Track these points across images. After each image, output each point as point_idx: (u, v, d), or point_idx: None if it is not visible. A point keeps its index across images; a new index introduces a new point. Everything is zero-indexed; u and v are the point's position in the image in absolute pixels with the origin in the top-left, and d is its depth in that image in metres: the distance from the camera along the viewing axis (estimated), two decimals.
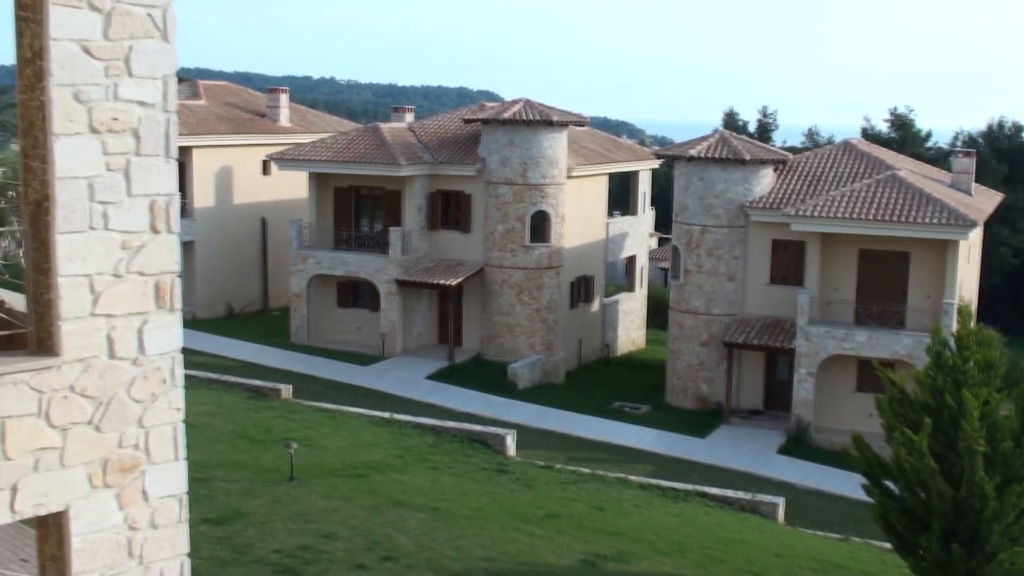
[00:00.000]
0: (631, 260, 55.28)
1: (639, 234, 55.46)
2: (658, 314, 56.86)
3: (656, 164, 57.00)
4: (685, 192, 43.42)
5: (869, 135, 77.52)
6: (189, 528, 9.00)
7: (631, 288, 55.56)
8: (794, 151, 64.72)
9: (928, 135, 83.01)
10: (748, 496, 29.81)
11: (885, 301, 39.63)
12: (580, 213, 47.75)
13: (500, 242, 45.43)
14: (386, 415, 33.58)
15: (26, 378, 7.83)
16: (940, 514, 18.77)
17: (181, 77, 53.74)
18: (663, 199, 67.12)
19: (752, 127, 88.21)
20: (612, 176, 52.37)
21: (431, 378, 42.59)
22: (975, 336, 20.20)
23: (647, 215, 57.71)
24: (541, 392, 43.28)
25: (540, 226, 45.40)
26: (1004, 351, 20.86)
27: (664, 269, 65.01)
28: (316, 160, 46.77)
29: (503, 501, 25.97)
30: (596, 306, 51.11)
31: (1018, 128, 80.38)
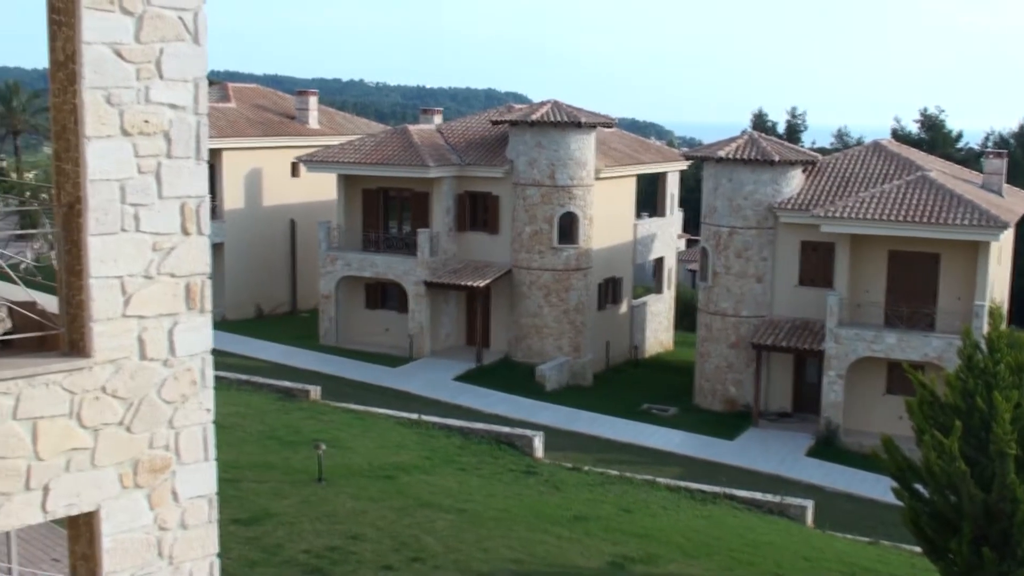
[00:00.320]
0: (659, 262, 55.15)
1: (667, 235, 55.32)
2: (686, 316, 56.68)
3: (684, 165, 56.84)
4: (714, 193, 43.28)
5: (899, 136, 77.04)
6: (219, 528, 9.03)
7: (659, 290, 55.43)
8: (823, 152, 64.46)
9: (959, 136, 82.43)
10: (777, 499, 29.67)
11: (915, 303, 39.36)
12: (608, 215, 47.67)
13: (528, 244, 45.43)
14: (414, 416, 33.64)
15: (58, 379, 7.88)
16: (971, 518, 18.64)
17: (211, 80, 54.07)
18: (691, 200, 66.88)
19: (781, 128, 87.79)
20: (640, 177, 52.25)
21: (459, 379, 42.62)
22: (1006, 338, 20.06)
23: (675, 216, 57.56)
24: (569, 394, 43.23)
25: (568, 228, 45.37)
26: None
27: (692, 271, 64.87)
28: (345, 162, 46.90)
29: (531, 503, 25.97)
30: (624, 308, 51.01)
31: None
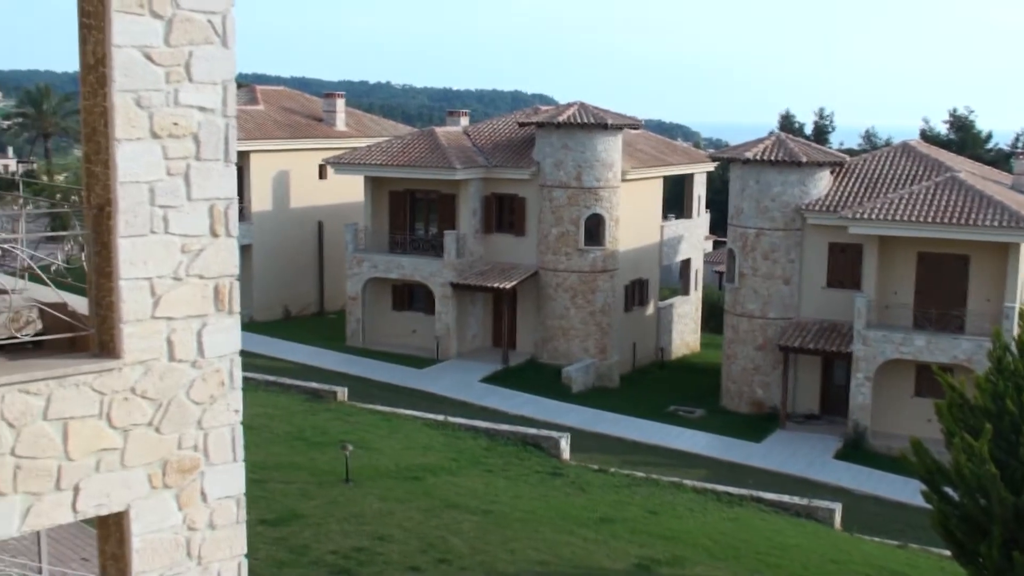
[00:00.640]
0: (686, 263, 55.04)
1: (694, 237, 55.20)
2: (713, 317, 56.55)
3: (711, 167, 56.71)
4: (741, 195, 43.15)
5: (928, 136, 76.62)
6: (247, 529, 9.07)
7: (686, 291, 55.32)
8: (851, 153, 64.16)
9: (988, 136, 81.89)
10: (804, 501, 29.54)
11: (944, 305, 39.12)
12: (635, 216, 47.60)
13: (554, 245, 45.42)
14: (440, 418, 33.67)
15: (88, 380, 7.93)
16: (1001, 521, 18.50)
17: (240, 83, 54.35)
18: (718, 202, 66.68)
19: (808, 129, 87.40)
20: (667, 179, 52.16)
21: (485, 381, 42.65)
22: None
23: (702, 218, 57.43)
24: (595, 395, 43.20)
25: (594, 229, 45.33)
26: None
27: (719, 272, 64.64)
28: (372, 164, 47.02)
29: (557, 504, 25.95)
30: (651, 309, 50.93)
31: None
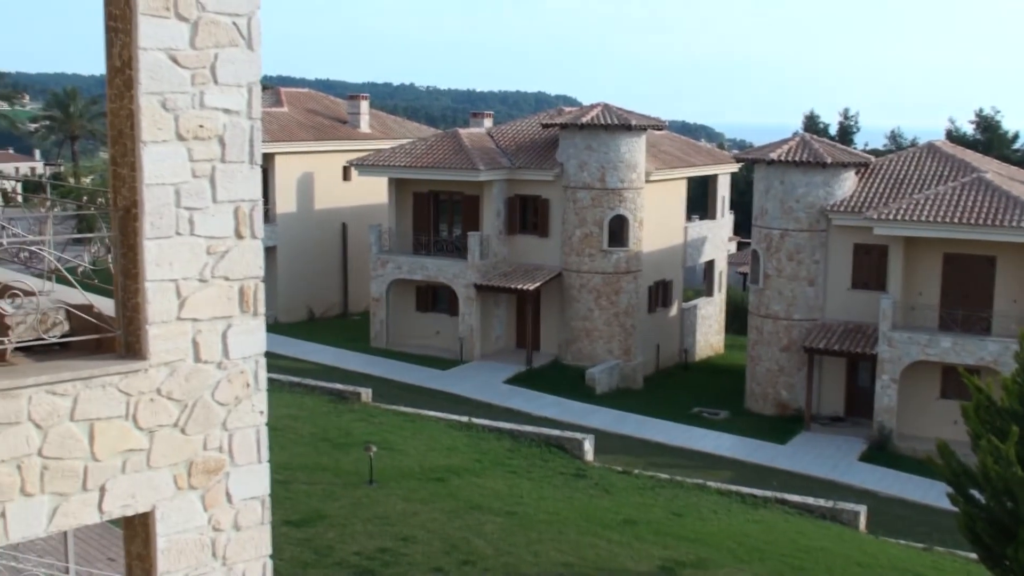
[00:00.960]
0: (710, 264, 54.90)
1: (718, 238, 55.06)
2: (737, 319, 56.39)
3: (735, 168, 56.53)
4: (765, 196, 43.01)
5: (954, 137, 76.16)
6: (271, 530, 9.10)
7: (710, 293, 55.19)
8: (876, 154, 63.84)
9: (1015, 136, 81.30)
10: (829, 504, 29.41)
11: (970, 306, 38.88)
12: (658, 217, 47.52)
13: (578, 246, 45.38)
14: (464, 419, 33.68)
15: (115, 381, 7.98)
16: None
17: (264, 85, 54.66)
18: (742, 203, 66.49)
19: (833, 130, 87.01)
20: (691, 180, 52.04)
21: (509, 382, 42.64)
22: None
23: (726, 219, 57.28)
24: (619, 397, 43.13)
25: (618, 230, 45.28)
26: None
27: (743, 273, 64.48)
28: (396, 166, 47.11)
29: (581, 506, 25.93)
30: (674, 311, 50.82)
31: None
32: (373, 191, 52.27)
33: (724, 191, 55.82)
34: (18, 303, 8.26)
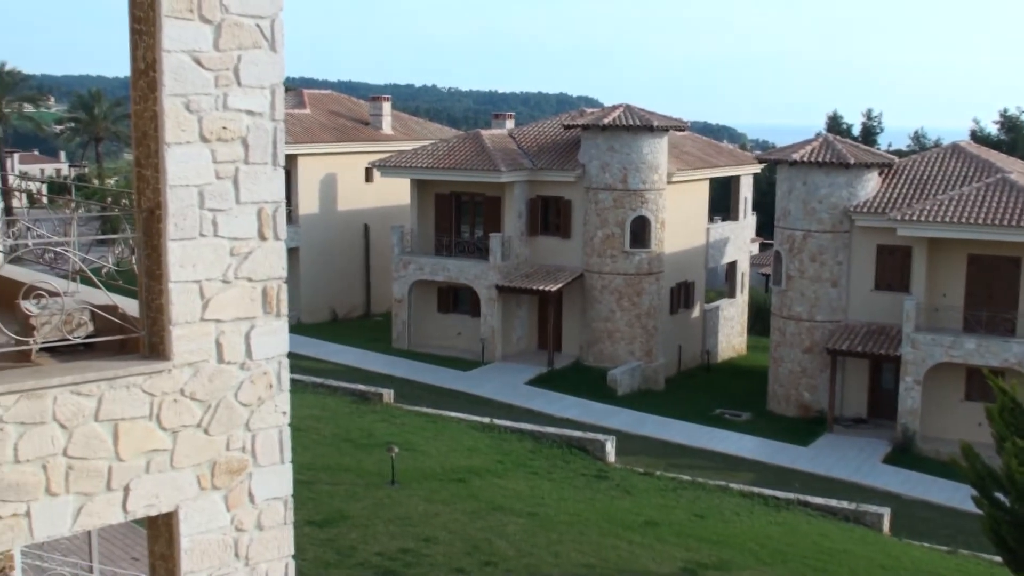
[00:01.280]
0: (732, 266, 54.78)
1: (740, 239, 54.92)
2: (759, 320, 56.24)
3: (758, 168, 56.37)
4: (788, 197, 42.88)
5: (978, 137, 75.75)
6: (294, 530, 9.12)
7: (732, 294, 55.05)
8: (900, 154, 63.57)
9: None
10: (852, 506, 29.31)
11: (995, 307, 38.65)
12: (680, 218, 47.43)
13: (600, 248, 45.34)
14: (486, 420, 33.72)
15: (139, 381, 8.01)
16: None
17: (287, 87, 54.89)
18: (765, 204, 66.33)
19: (856, 130, 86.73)
20: (713, 181, 51.94)
21: (531, 383, 42.64)
22: None
23: (748, 220, 57.13)
24: (641, 398, 43.07)
25: (640, 232, 45.21)
26: None
27: (766, 275, 64.28)
28: (418, 167, 47.18)
29: (602, 507, 25.91)
30: (696, 312, 50.71)
31: None
32: (395, 192, 52.37)
33: (746, 192, 55.67)
34: (43, 304, 8.30)
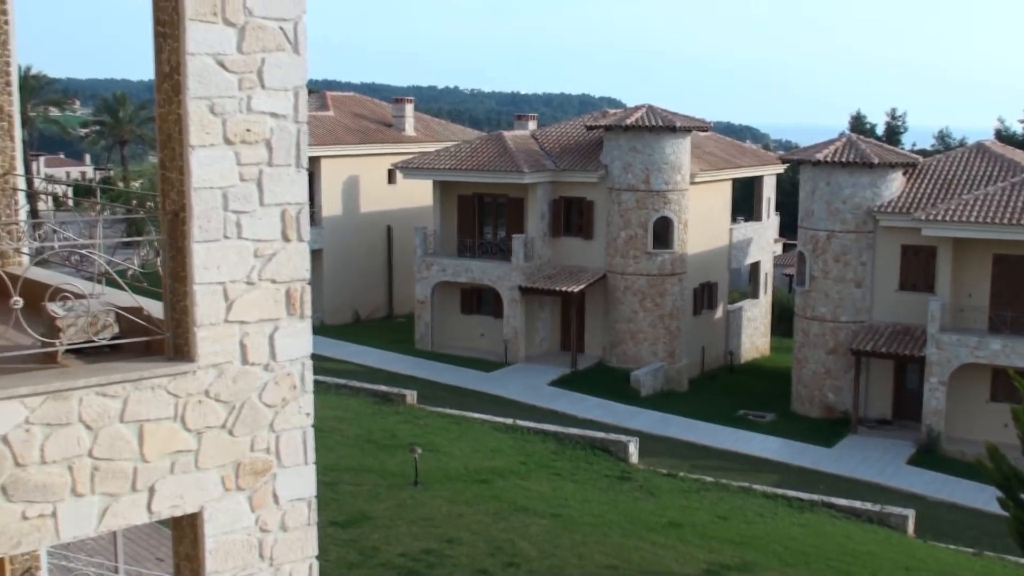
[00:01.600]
0: (755, 266, 54.61)
1: (763, 240, 54.76)
2: (783, 321, 56.03)
3: (781, 169, 56.22)
4: (811, 197, 42.72)
5: (1003, 136, 75.32)
6: (318, 530, 9.15)
7: (755, 295, 54.88)
8: (924, 154, 63.31)
9: None
10: (876, 507, 29.17)
11: (1021, 307, 38.41)
12: (703, 219, 47.33)
13: (623, 248, 45.29)
14: (509, 421, 33.72)
15: (163, 383, 8.05)
16: None
17: (310, 89, 55.01)
18: (788, 204, 66.13)
19: (880, 130, 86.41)
20: (736, 181, 51.81)
21: (554, 384, 42.63)
22: None
23: (772, 220, 56.96)
24: (664, 399, 42.99)
25: (663, 232, 45.14)
26: None
27: (789, 275, 64.07)
28: (440, 168, 47.25)
29: (625, 509, 25.88)
30: (720, 313, 50.59)
31: None
32: (418, 194, 52.46)
33: (770, 192, 55.50)
34: (69, 306, 8.35)
